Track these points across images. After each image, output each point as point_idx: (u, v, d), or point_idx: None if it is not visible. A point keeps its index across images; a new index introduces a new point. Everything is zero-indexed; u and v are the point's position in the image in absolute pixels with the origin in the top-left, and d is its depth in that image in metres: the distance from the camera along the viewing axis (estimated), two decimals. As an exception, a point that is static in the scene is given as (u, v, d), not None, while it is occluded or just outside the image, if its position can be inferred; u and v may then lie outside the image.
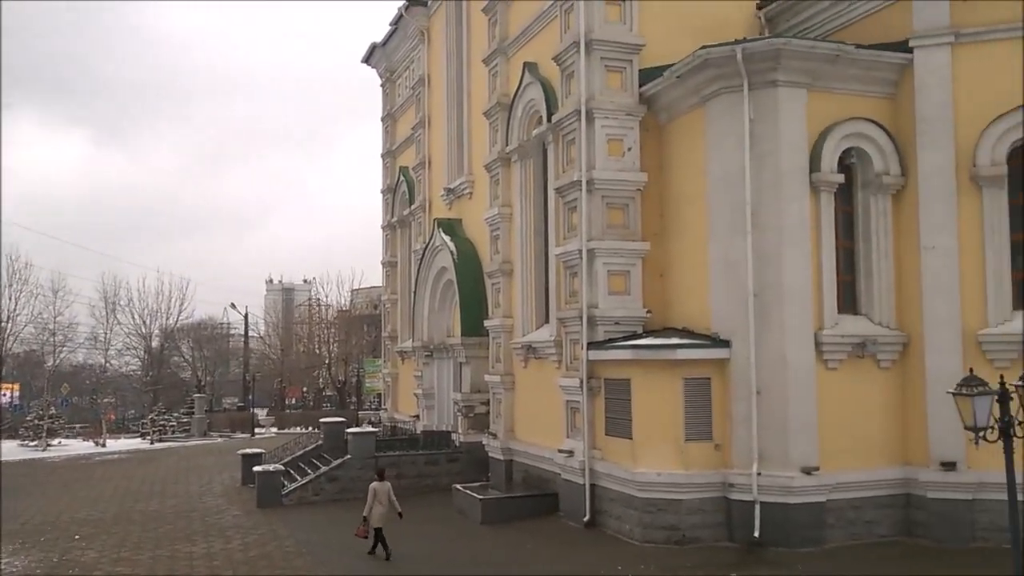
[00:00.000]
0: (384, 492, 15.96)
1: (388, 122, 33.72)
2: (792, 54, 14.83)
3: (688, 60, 15.64)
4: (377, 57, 33.66)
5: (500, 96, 21.57)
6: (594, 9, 17.33)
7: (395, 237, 32.38)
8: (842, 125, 15.26)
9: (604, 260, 16.85)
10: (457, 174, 25.89)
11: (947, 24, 14.98)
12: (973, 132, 14.70)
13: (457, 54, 26.29)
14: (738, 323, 15.12)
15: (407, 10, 29.07)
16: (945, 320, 14.81)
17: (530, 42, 20.46)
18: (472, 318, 23.15)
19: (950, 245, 14.83)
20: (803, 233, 15.00)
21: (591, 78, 17.21)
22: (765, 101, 15.08)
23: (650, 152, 17.33)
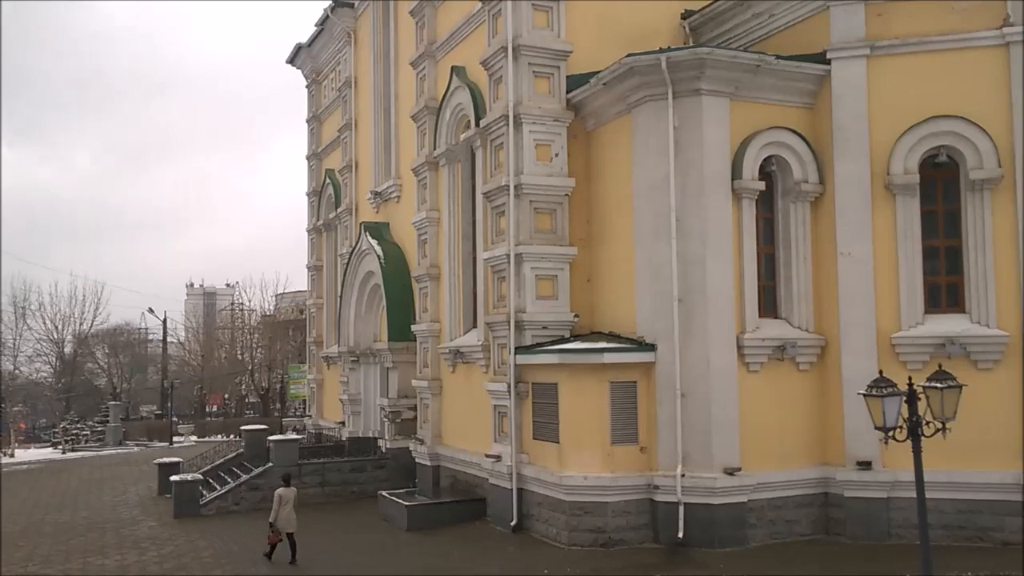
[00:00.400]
0: (290, 497, 15.83)
1: (314, 124, 33.25)
2: (715, 63, 15.13)
3: (614, 68, 15.82)
4: (302, 58, 33.18)
5: (428, 100, 21.47)
6: (521, 15, 17.39)
7: (321, 241, 31.92)
8: (763, 134, 15.62)
9: (532, 265, 16.90)
10: (384, 177, 25.67)
11: (862, 37, 15.48)
12: (887, 142, 15.20)
13: (384, 56, 26.10)
14: (663, 327, 15.33)
15: (333, 11, 28.74)
16: (860, 323, 15.27)
17: (458, 46, 20.42)
18: (399, 323, 22.96)
19: (865, 251, 15.30)
20: (726, 239, 15.30)
21: (519, 83, 17.26)
22: (689, 109, 15.34)
23: (578, 158, 17.46)
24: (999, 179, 14.74)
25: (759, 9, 17.08)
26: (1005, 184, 14.75)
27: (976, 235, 14.95)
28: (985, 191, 14.86)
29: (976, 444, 13.92)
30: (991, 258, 14.79)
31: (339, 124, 29.26)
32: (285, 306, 71.64)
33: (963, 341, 14.70)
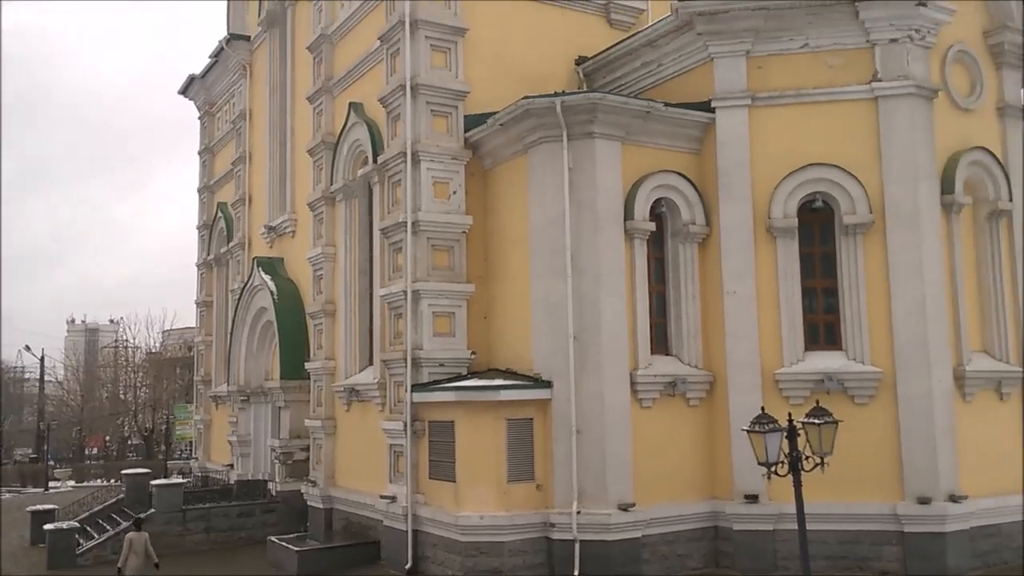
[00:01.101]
0: (141, 542, 15.42)
1: (206, 156, 32.50)
2: (607, 108, 15.63)
3: (511, 109, 16.14)
4: (195, 89, 32.47)
5: (325, 135, 21.35)
6: (420, 54, 17.58)
7: (211, 276, 31.06)
8: (653, 177, 16.18)
9: (429, 301, 16.91)
10: (279, 212, 25.28)
11: (744, 88, 16.27)
12: (768, 187, 15.97)
13: (281, 90, 25.83)
14: (559, 364, 15.56)
15: (228, 44, 28.31)
16: (746, 360, 15.86)
17: (356, 82, 20.44)
18: (292, 360, 22.50)
19: (749, 290, 15.96)
20: (619, 277, 15.71)
21: (417, 121, 17.39)
22: (583, 151, 15.78)
23: (475, 196, 17.66)
24: (870, 224, 15.65)
25: (648, 58, 17.77)
26: (876, 228, 15.66)
27: (850, 276, 15.79)
28: (858, 235, 15.74)
29: (854, 476, 14.59)
30: (864, 298, 15.64)
31: (233, 157, 28.71)
32: (172, 343, 69.17)
33: (840, 377, 15.44)
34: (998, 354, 16.67)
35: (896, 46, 15.74)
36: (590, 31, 19.51)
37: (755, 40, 16.18)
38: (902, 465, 15.11)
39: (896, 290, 15.44)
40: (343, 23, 21.03)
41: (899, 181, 15.58)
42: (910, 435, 15.14)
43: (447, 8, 18.04)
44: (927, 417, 15.13)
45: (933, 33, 15.95)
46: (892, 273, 15.52)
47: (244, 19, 28.76)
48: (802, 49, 16.14)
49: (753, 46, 16.20)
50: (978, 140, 16.70)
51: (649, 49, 17.65)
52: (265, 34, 26.41)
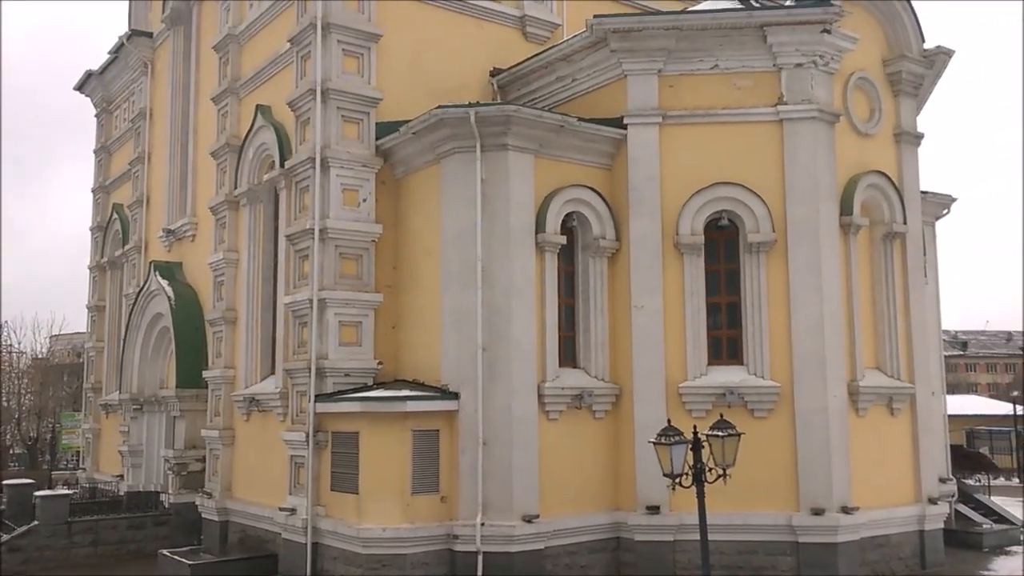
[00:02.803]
0: None
1: (102, 155, 31.14)
2: (521, 121, 15.65)
3: (424, 118, 15.99)
4: (92, 86, 31.11)
5: (230, 137, 20.72)
6: (332, 58, 17.26)
7: (104, 279, 29.73)
8: (565, 190, 16.26)
9: (336, 310, 16.55)
10: (179, 215, 24.39)
11: (656, 106, 16.54)
12: (677, 204, 16.24)
13: (184, 90, 24.98)
14: (467, 375, 15.43)
15: (129, 40, 27.26)
16: (651, 373, 16.06)
17: (264, 84, 19.91)
18: (189, 368, 21.68)
19: (656, 305, 16.17)
20: (529, 290, 15.71)
21: (327, 127, 17.05)
22: (496, 163, 15.74)
23: (386, 204, 17.41)
24: (773, 243, 16.09)
25: (563, 72, 17.90)
26: (779, 247, 16.11)
27: (753, 293, 16.19)
28: (761, 253, 16.16)
29: (752, 488, 14.90)
30: (766, 314, 16.05)
31: (131, 157, 27.60)
32: (61, 349, 66.03)
33: (741, 391, 15.80)
34: (890, 371, 17.35)
35: (801, 71, 16.27)
36: (506, 44, 19.53)
37: (667, 59, 16.47)
38: (798, 477, 15.55)
39: (796, 307, 15.92)
40: (251, 23, 20.48)
41: (801, 201, 16.08)
42: (806, 448, 15.59)
43: (361, 13, 17.77)
44: (823, 431, 15.61)
45: (836, 60, 16.57)
46: (793, 291, 15.99)
47: (147, 16, 27.77)
48: (712, 70, 16.52)
49: (665, 65, 16.50)
50: (876, 164, 17.42)
51: (564, 64, 17.78)
52: (169, 32, 25.52)
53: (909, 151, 18.44)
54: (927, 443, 17.74)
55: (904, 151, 18.33)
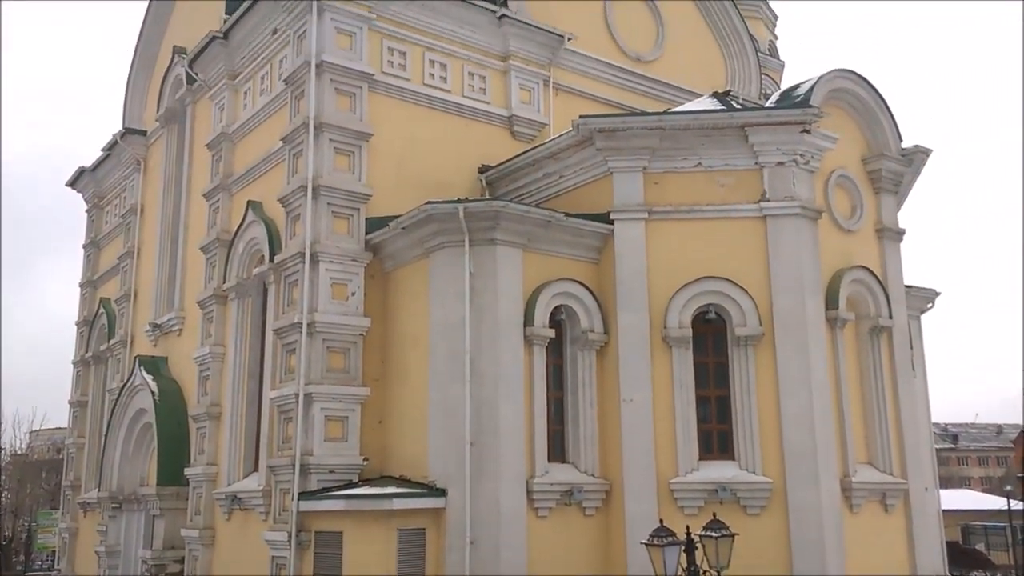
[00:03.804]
0: None
1: (91, 250, 31.23)
2: (509, 216, 15.85)
3: (414, 214, 16.19)
4: (85, 182, 31.44)
5: (221, 232, 20.86)
6: (323, 156, 17.58)
7: (88, 374, 29.41)
8: (553, 284, 16.35)
9: (322, 405, 16.38)
10: (167, 309, 24.32)
11: (641, 202, 16.81)
12: (664, 297, 16.33)
13: (176, 185, 25.26)
14: (455, 471, 15.17)
15: (123, 137, 27.71)
16: (642, 468, 15.83)
17: (256, 181, 20.19)
18: (171, 465, 21.23)
19: (645, 398, 16.07)
20: (518, 383, 15.61)
21: (317, 222, 17.23)
22: (485, 257, 15.86)
23: (375, 297, 17.45)
24: (760, 336, 16.13)
25: (550, 169, 18.25)
26: (766, 341, 16.14)
27: (742, 386, 16.14)
28: (749, 347, 16.18)
29: (747, 587, 14.52)
30: (756, 408, 15.96)
31: (120, 251, 27.70)
32: (40, 445, 64.82)
33: (733, 487, 15.55)
34: (882, 466, 17.20)
35: (783, 169, 16.63)
36: (494, 141, 19.97)
37: (652, 157, 16.83)
38: None
39: (785, 401, 15.85)
40: (245, 122, 20.91)
41: (787, 295, 16.21)
42: (800, 546, 15.26)
43: (353, 112, 18.19)
44: (816, 528, 15.33)
45: (817, 158, 16.96)
46: (781, 384, 15.95)
47: (141, 114, 28.25)
48: (696, 168, 16.88)
49: (650, 163, 16.85)
50: (859, 259, 17.65)
51: (551, 161, 18.14)
52: (163, 130, 25.96)
53: (892, 246, 18.74)
54: (923, 540, 17.44)
55: (887, 246, 18.62)
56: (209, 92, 22.46)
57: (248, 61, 21.01)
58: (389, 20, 19.07)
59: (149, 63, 27.52)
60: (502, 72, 20.62)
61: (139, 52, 27.84)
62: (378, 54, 18.82)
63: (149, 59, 27.49)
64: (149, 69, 27.57)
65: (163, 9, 26.65)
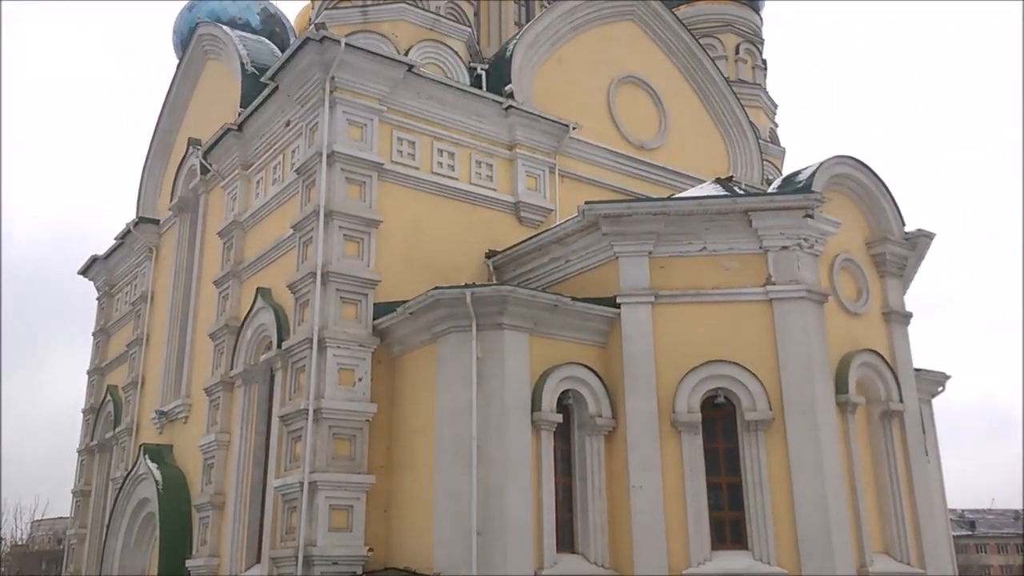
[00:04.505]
0: None
1: (100, 337, 31.36)
2: (516, 301, 15.90)
3: (421, 299, 16.27)
4: (97, 270, 31.81)
5: (229, 319, 20.97)
6: (333, 244, 17.79)
7: (92, 462, 29.13)
8: (560, 368, 16.29)
9: (327, 494, 16.17)
10: (173, 396, 24.27)
11: (647, 286, 16.87)
12: (672, 381, 16.23)
13: (187, 273, 25.53)
14: (461, 561, 14.82)
15: (136, 226, 28.14)
16: (653, 559, 15.41)
17: (266, 268, 20.40)
18: (172, 557, 20.83)
19: (655, 485, 15.80)
20: (525, 470, 15.38)
21: (326, 308, 17.32)
22: (492, 342, 15.86)
23: (381, 383, 17.39)
24: (770, 420, 15.95)
25: (557, 254, 18.40)
26: (777, 425, 15.95)
27: (754, 472, 15.87)
28: (759, 431, 15.98)
29: None
30: (768, 495, 15.65)
31: (129, 339, 27.80)
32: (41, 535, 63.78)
33: (747, 578, 15.15)
34: (899, 555, 16.76)
35: (787, 253, 16.73)
36: (501, 227, 20.23)
37: (657, 242, 16.97)
38: (813, 673, 14.63)
39: (798, 488, 15.54)
40: (256, 211, 21.26)
41: (796, 380, 16.08)
42: (819, 641, 14.77)
43: (362, 201, 18.49)
44: (835, 623, 14.85)
45: (821, 242, 17.07)
46: (794, 470, 15.67)
47: (155, 203, 28.77)
48: (701, 252, 16.99)
49: (655, 247, 16.98)
50: (867, 342, 17.58)
51: (557, 246, 18.31)
52: (176, 218, 26.39)
53: (899, 330, 18.69)
54: (945, 634, 16.89)
55: (894, 330, 18.57)
56: (222, 182, 22.92)
57: (261, 152, 21.50)
58: (399, 111, 19.57)
59: (164, 154, 28.17)
60: (509, 160, 21.02)
61: (155, 143, 28.54)
62: (388, 144, 19.25)
63: (164, 150, 28.15)
64: (164, 160, 28.20)
65: (179, 102, 27.41)
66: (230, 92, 23.16)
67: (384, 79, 19.20)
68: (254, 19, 30.04)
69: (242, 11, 30.29)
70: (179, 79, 27.17)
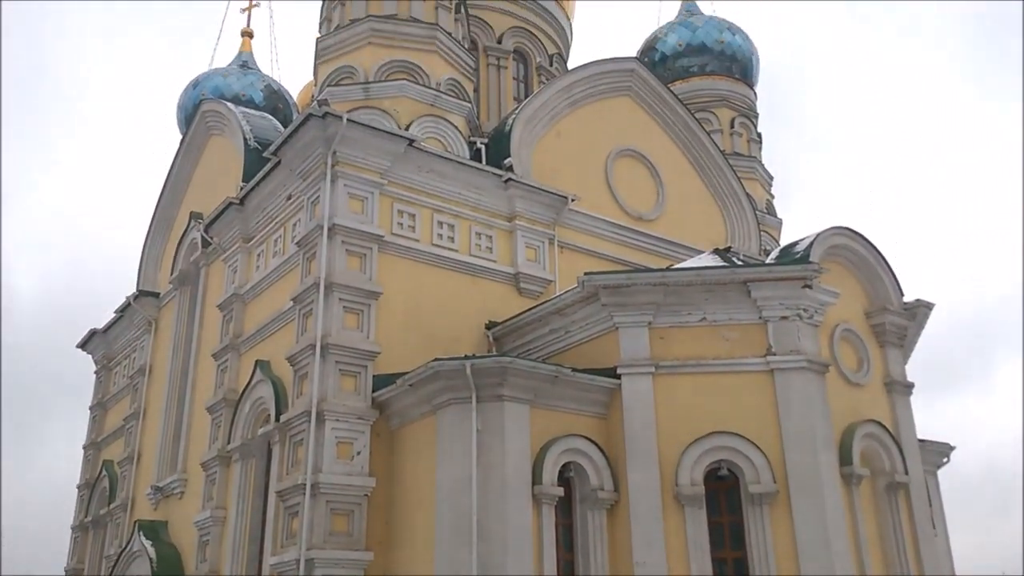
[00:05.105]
0: None
1: (97, 411, 31.07)
2: (516, 372, 15.83)
3: (421, 371, 16.20)
4: (95, 343, 31.70)
5: (227, 392, 20.83)
6: (333, 315, 17.80)
7: (86, 540, 28.55)
8: (561, 440, 16.13)
9: (324, 571, 15.85)
10: (169, 471, 23.93)
11: (648, 356, 16.83)
12: (674, 453, 16.05)
13: (185, 346, 25.45)
14: (461, 643, 14.44)
15: (136, 299, 28.18)
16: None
17: (265, 340, 20.36)
18: (165, 638, 20.32)
19: (659, 561, 15.47)
20: (526, 546, 15.07)
21: (325, 380, 17.23)
22: (492, 414, 15.73)
23: (380, 457, 17.20)
24: (775, 494, 15.71)
25: (557, 325, 18.40)
26: (781, 498, 15.71)
27: (759, 547, 15.56)
28: (764, 505, 15.73)
29: None
30: (775, 572, 15.31)
31: (126, 413, 27.56)
32: (29, 618, 62.02)
33: (756, 657, 14.72)
34: (910, 633, 16.34)
35: (787, 323, 16.73)
36: (501, 298, 20.27)
37: (656, 312, 16.99)
38: None
39: (805, 564, 15.22)
40: (257, 283, 21.32)
41: (799, 451, 15.91)
42: None
43: (363, 273, 18.57)
44: None
45: (820, 313, 17.08)
46: (799, 546, 15.37)
47: (155, 276, 28.87)
48: (700, 322, 17.00)
49: (655, 318, 16.99)
50: (870, 413, 17.46)
51: (557, 317, 18.32)
52: (176, 291, 26.44)
53: (901, 400, 18.58)
54: None
55: (896, 400, 18.46)
56: (223, 255, 23.04)
57: (262, 225, 21.67)
58: (400, 185, 19.80)
59: (166, 228, 28.37)
60: (508, 231, 21.19)
61: (156, 217, 28.75)
62: (389, 216, 19.43)
63: (166, 224, 28.36)
64: (165, 233, 28.39)
65: (182, 176, 27.71)
66: (232, 167, 23.46)
67: (385, 153, 19.48)
68: (257, 95, 30.78)
69: (246, 88, 31.07)
70: (182, 154, 27.55)
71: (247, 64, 32.85)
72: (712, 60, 31.69)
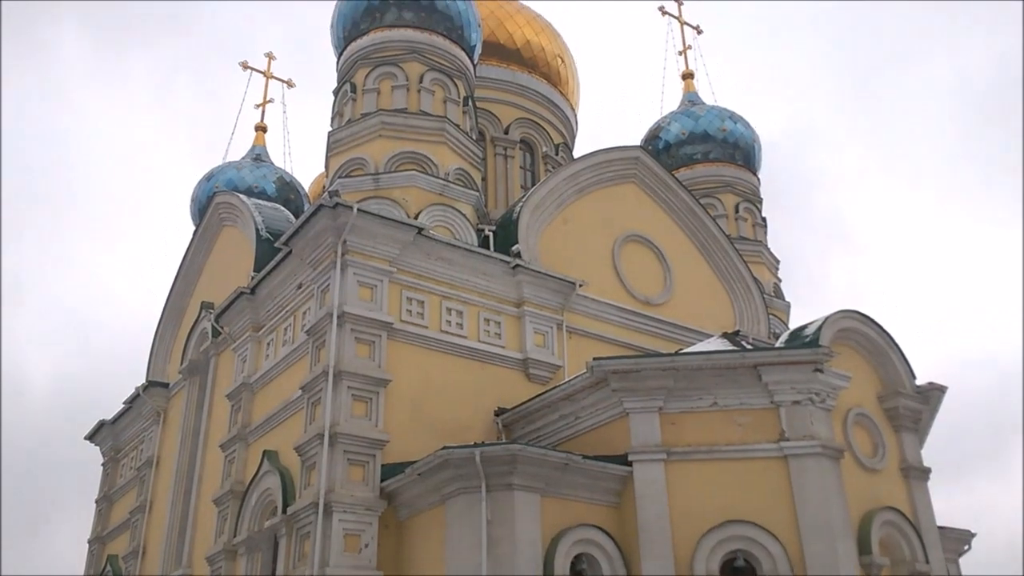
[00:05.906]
0: None
1: (103, 504, 30.66)
2: (526, 460, 15.63)
3: (429, 459, 16.02)
4: (104, 435, 31.51)
5: (235, 483, 20.61)
6: (341, 403, 17.73)
7: (87, 639, 27.89)
8: (573, 531, 15.79)
9: (330, 669, 15.35)
10: (174, 566, 23.49)
11: (659, 443, 16.61)
12: (689, 542, 15.68)
13: (193, 437, 25.28)
14: None
15: (145, 390, 28.14)
16: None
17: (273, 430, 20.24)
18: None
19: (677, 657, 14.98)
20: (539, 641, 14.64)
21: (333, 470, 17.05)
22: (502, 503, 15.47)
23: (388, 548, 16.87)
24: (793, 583, 15.29)
25: (566, 411, 18.25)
26: (799, 588, 15.28)
27: (779, 640, 15.06)
28: (782, 595, 15.29)
29: None
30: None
31: (132, 506, 27.21)
32: None
33: None
34: None
35: (799, 408, 16.54)
36: (510, 384, 20.17)
37: (667, 397, 16.85)
38: None
39: (829, 659, 14.71)
40: (266, 372, 21.32)
41: (817, 540, 15.51)
42: None
43: (371, 360, 18.57)
44: None
45: (832, 396, 16.91)
46: (821, 640, 14.90)
47: (165, 367, 28.91)
48: (712, 407, 16.82)
49: (666, 403, 16.84)
50: (887, 500, 17.09)
51: (567, 403, 18.19)
52: (185, 382, 26.43)
53: (919, 486, 18.21)
54: None
55: (914, 486, 18.09)
56: (233, 344, 23.11)
57: (272, 314, 21.80)
58: (409, 272, 19.98)
59: (176, 317, 28.56)
60: (517, 317, 21.24)
61: (168, 307, 28.97)
62: (398, 303, 19.54)
63: (177, 314, 28.56)
64: (176, 323, 28.56)
65: (194, 267, 28.05)
66: (244, 257, 23.75)
67: (394, 242, 19.72)
68: (270, 187, 31.32)
69: (258, 180, 31.64)
70: (195, 245, 27.94)
71: (260, 157, 33.55)
72: (715, 147, 32.16)
